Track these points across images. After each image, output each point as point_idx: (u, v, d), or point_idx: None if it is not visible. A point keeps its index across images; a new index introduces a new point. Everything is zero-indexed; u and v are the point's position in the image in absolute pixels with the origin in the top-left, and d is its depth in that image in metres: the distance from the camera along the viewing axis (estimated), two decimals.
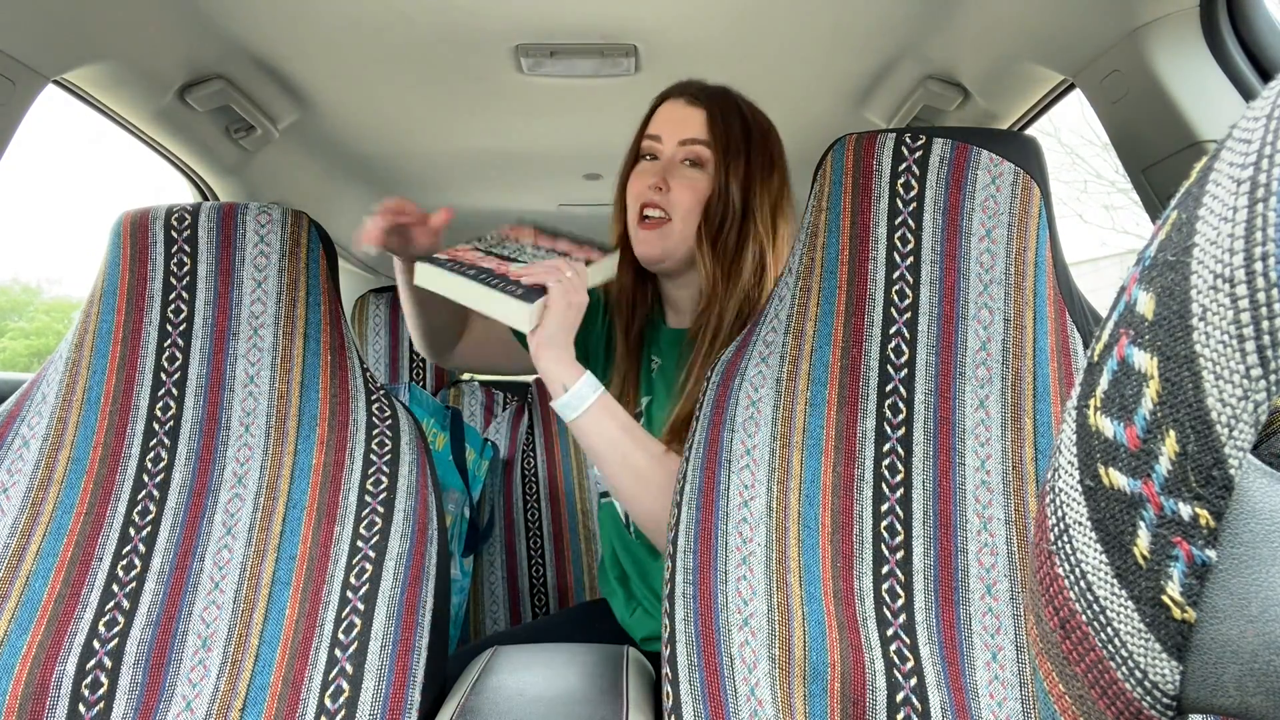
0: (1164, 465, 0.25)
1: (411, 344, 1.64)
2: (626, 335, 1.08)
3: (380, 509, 0.80)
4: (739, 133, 0.99)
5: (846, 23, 1.11)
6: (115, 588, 0.77)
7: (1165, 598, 0.26)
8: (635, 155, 1.04)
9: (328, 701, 0.71)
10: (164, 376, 0.85)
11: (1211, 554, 0.25)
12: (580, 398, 0.86)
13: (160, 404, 0.84)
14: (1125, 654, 0.27)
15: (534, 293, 0.84)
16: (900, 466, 0.77)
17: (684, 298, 1.06)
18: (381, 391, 0.87)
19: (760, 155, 0.99)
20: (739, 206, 0.97)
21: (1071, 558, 0.29)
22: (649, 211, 0.99)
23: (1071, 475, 0.29)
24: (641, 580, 1.04)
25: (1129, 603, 0.27)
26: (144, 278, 0.86)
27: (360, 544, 0.78)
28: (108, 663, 0.74)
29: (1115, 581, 0.27)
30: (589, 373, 0.87)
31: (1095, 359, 0.29)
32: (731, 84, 1.34)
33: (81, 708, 0.72)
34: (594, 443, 0.88)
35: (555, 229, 1.02)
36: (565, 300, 0.84)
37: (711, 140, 0.98)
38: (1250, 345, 0.23)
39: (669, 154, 1.00)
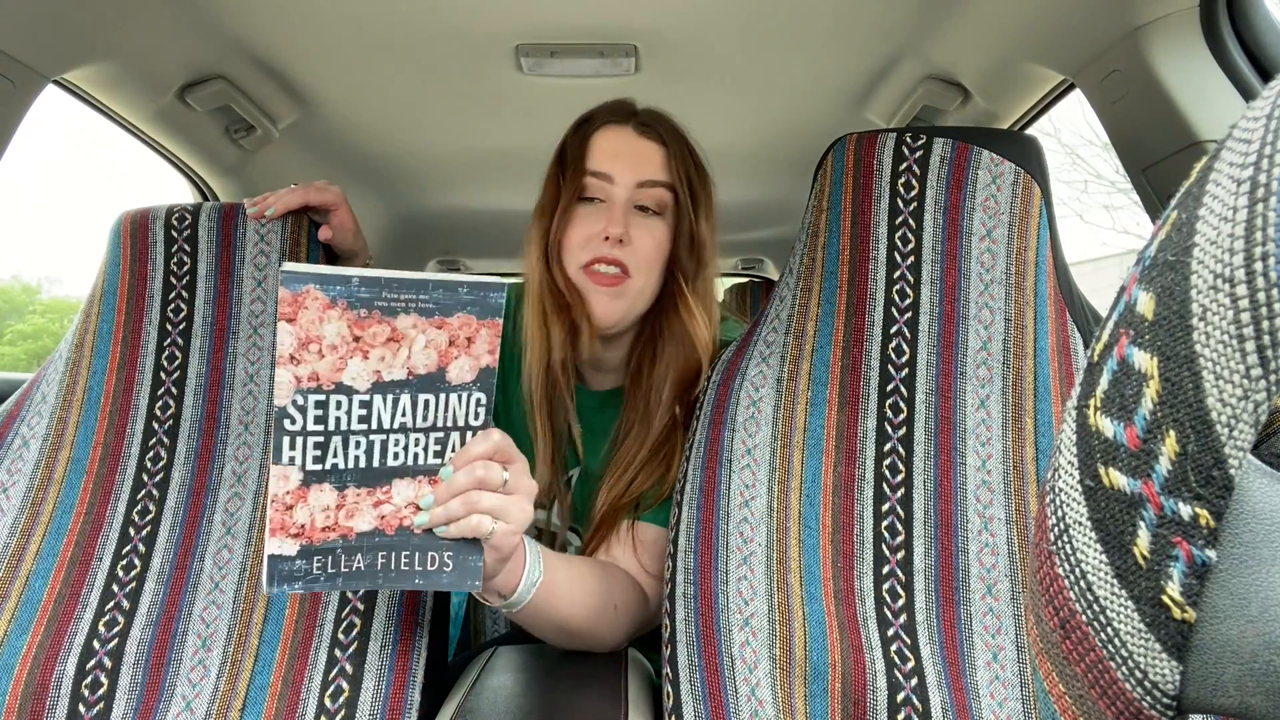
0: (1164, 465, 0.25)
1: None
2: (544, 403, 0.90)
3: None
4: (694, 170, 0.89)
5: (846, 23, 1.11)
6: (115, 588, 0.77)
7: (1165, 598, 0.26)
8: (573, 192, 0.86)
9: (328, 701, 0.71)
10: (163, 376, 0.85)
11: (1211, 554, 0.25)
12: (523, 595, 0.68)
13: (160, 403, 0.84)
14: (1125, 654, 0.27)
15: (466, 559, 0.60)
16: (901, 466, 0.77)
17: (614, 358, 0.93)
18: None
19: (708, 190, 0.90)
20: (705, 254, 0.88)
21: (1071, 558, 0.29)
22: (603, 268, 0.84)
23: (1071, 475, 0.29)
24: None
25: (1129, 603, 0.27)
26: (144, 278, 0.86)
27: None
28: (107, 663, 0.74)
29: (1115, 581, 0.27)
30: (530, 556, 0.68)
31: (1095, 359, 0.29)
32: (731, 84, 1.34)
33: (81, 708, 0.72)
34: (530, 623, 0.73)
35: (393, 292, 0.58)
36: (511, 541, 0.61)
37: (673, 182, 0.86)
38: (1250, 345, 0.23)
39: (623, 198, 0.85)
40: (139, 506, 0.81)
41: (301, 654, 0.73)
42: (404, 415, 0.58)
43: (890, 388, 0.79)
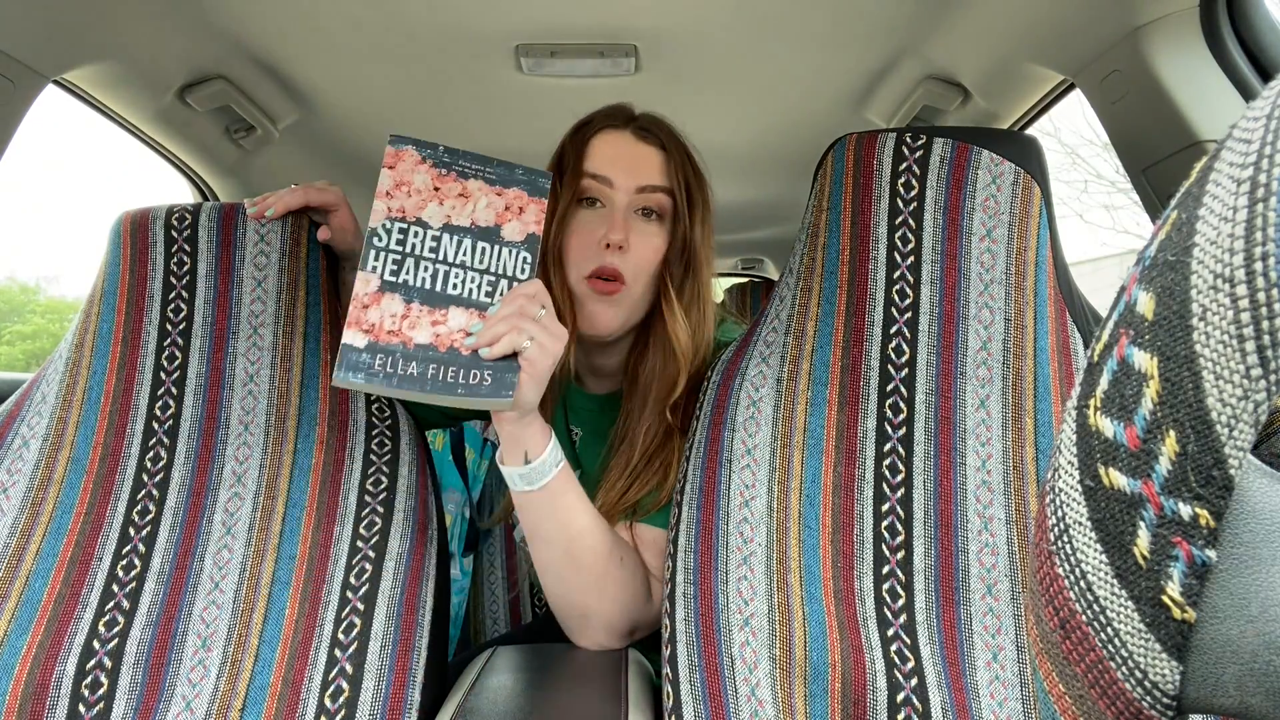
0: (1164, 465, 0.25)
1: None
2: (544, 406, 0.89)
3: (380, 509, 0.80)
4: (693, 175, 0.88)
5: (846, 23, 1.11)
6: (115, 588, 0.77)
7: (1165, 598, 0.26)
8: (571, 195, 0.85)
9: (328, 701, 0.71)
10: (163, 376, 0.85)
11: (1211, 554, 0.25)
12: (544, 468, 0.73)
13: (159, 403, 0.84)
14: (1125, 654, 0.27)
15: (504, 375, 0.68)
16: (901, 466, 0.77)
17: (611, 364, 0.93)
18: None
19: (705, 196, 0.90)
20: (698, 260, 0.87)
21: (1071, 558, 0.29)
22: (601, 275, 0.83)
23: (1071, 475, 0.29)
24: None
25: (1129, 603, 0.27)
26: (144, 278, 0.86)
27: (360, 544, 0.78)
28: (108, 663, 0.74)
29: (1115, 581, 0.27)
30: (554, 437, 0.74)
31: (1095, 359, 0.29)
32: (731, 84, 1.34)
33: (81, 708, 0.72)
34: (541, 524, 0.76)
35: (466, 161, 0.74)
36: (543, 364, 0.68)
37: (673, 187, 0.86)
38: (1250, 345, 0.23)
39: (623, 202, 0.85)
40: (139, 506, 0.81)
41: (301, 654, 0.73)
42: (464, 254, 0.72)
43: (890, 388, 0.79)
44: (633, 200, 0.85)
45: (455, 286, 0.71)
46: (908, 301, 0.80)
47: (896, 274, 0.80)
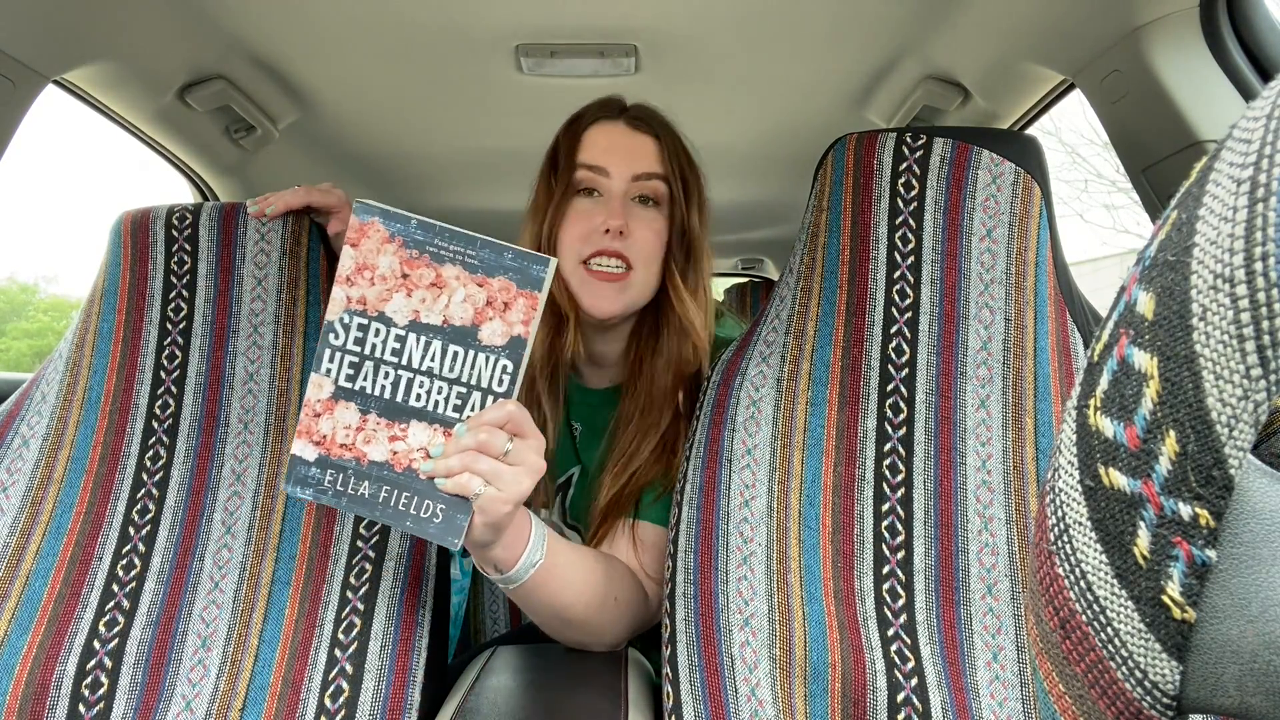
0: (1164, 465, 0.25)
1: None
2: (538, 402, 0.90)
3: None
4: (686, 163, 0.90)
5: (846, 23, 1.11)
6: (115, 587, 0.77)
7: (1165, 598, 0.26)
8: (566, 186, 0.86)
9: (328, 701, 0.71)
10: (163, 375, 0.85)
11: (1211, 554, 0.25)
12: (518, 575, 0.68)
13: (159, 402, 0.84)
14: (1125, 654, 0.27)
15: (454, 515, 0.61)
16: (901, 466, 0.77)
17: (612, 352, 0.93)
18: None
19: (700, 184, 0.91)
20: (698, 249, 0.88)
21: (1071, 558, 0.29)
22: (603, 261, 0.84)
23: (1071, 475, 0.29)
24: None
25: (1129, 603, 0.27)
26: (144, 277, 0.86)
27: (360, 544, 0.78)
28: (108, 663, 0.74)
29: (1115, 581, 0.27)
30: (534, 536, 0.68)
31: (1095, 359, 0.29)
32: (731, 84, 1.34)
33: (81, 708, 0.72)
34: (525, 603, 0.72)
35: (445, 241, 0.62)
36: (497, 510, 0.60)
37: (668, 174, 0.87)
38: (1250, 345, 0.23)
39: (619, 190, 0.86)
40: (139, 506, 0.81)
41: (301, 654, 0.73)
42: (433, 360, 0.61)
43: (890, 388, 0.79)
44: (629, 188, 0.86)
45: (419, 398, 0.62)
46: (908, 301, 0.80)
47: (897, 274, 0.80)
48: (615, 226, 0.83)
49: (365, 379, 0.62)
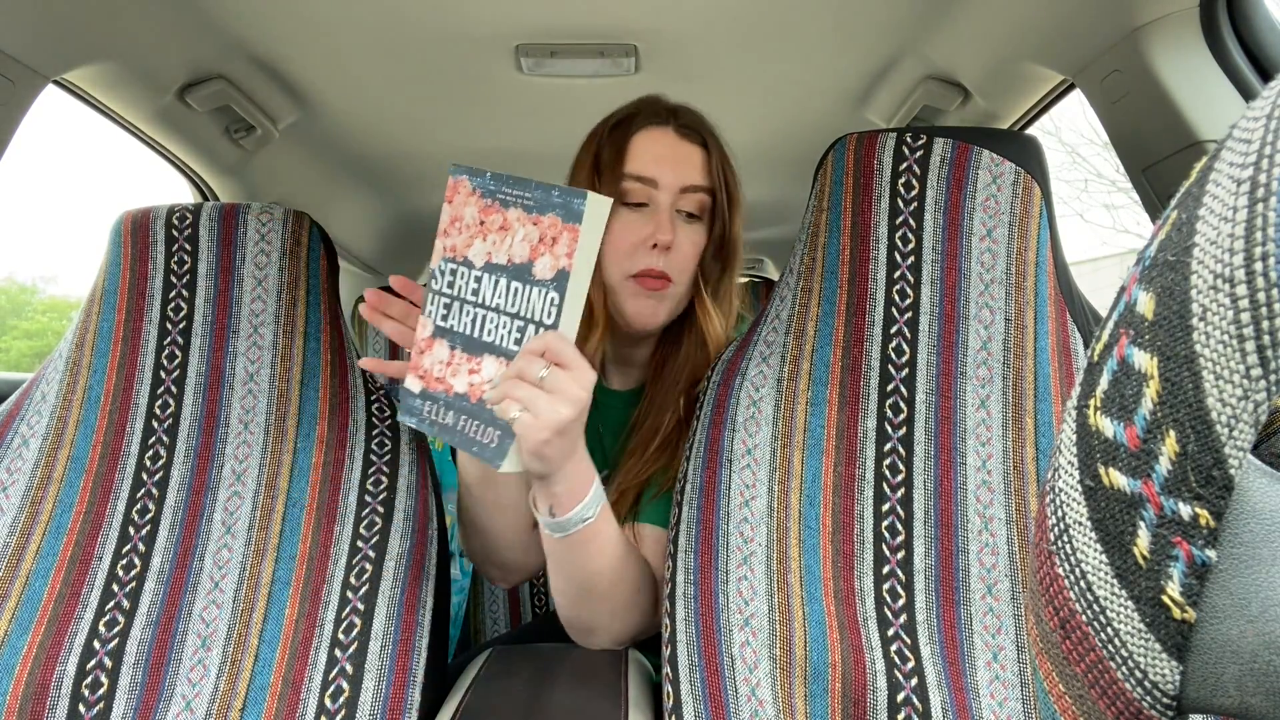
0: (1164, 465, 0.25)
1: None
2: None
3: (380, 509, 0.80)
4: (730, 172, 0.88)
5: (846, 23, 1.11)
6: (115, 587, 0.77)
7: (1165, 598, 0.26)
8: (612, 196, 0.83)
9: (328, 701, 0.71)
10: (163, 374, 0.85)
11: (1211, 554, 0.25)
12: (569, 524, 0.69)
13: (159, 401, 0.84)
14: (1125, 654, 0.27)
15: (504, 440, 0.64)
16: (901, 466, 0.77)
17: (641, 355, 0.93)
18: (381, 391, 0.87)
19: (740, 194, 0.89)
20: (734, 257, 0.89)
21: (1071, 558, 0.29)
22: (650, 274, 0.83)
23: (1071, 475, 0.29)
24: None
25: (1129, 603, 0.27)
26: (144, 277, 0.86)
27: (360, 544, 0.78)
28: (108, 663, 0.74)
29: (1115, 581, 0.27)
30: (594, 492, 0.69)
31: (1095, 359, 0.29)
32: (731, 84, 1.34)
33: (81, 708, 0.72)
34: (561, 562, 0.72)
35: (509, 188, 0.67)
36: (535, 436, 0.61)
37: (714, 186, 0.86)
38: (1250, 345, 0.23)
39: (667, 203, 0.84)
40: (139, 505, 0.81)
41: (301, 654, 0.73)
42: (500, 297, 0.66)
43: (890, 388, 0.79)
44: (676, 200, 0.85)
45: (490, 333, 0.66)
46: (908, 301, 0.80)
47: (897, 274, 0.80)
48: (664, 241, 0.82)
49: (453, 318, 0.68)
